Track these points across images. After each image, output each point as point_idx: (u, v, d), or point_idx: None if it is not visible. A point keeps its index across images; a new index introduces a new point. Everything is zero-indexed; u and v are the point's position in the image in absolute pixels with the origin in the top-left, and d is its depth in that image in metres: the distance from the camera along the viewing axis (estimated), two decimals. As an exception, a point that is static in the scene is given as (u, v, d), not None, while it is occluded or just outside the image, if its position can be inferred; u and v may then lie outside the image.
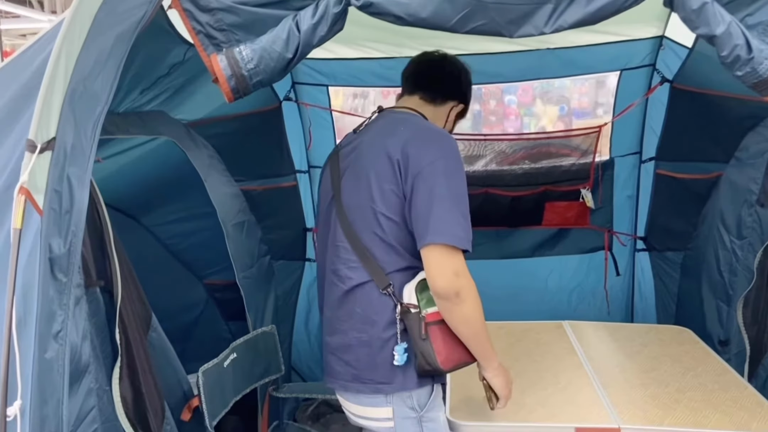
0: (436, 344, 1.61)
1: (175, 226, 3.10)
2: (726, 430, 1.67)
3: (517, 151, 3.15)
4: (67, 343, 1.19)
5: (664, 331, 2.50)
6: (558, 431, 1.72)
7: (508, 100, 7.50)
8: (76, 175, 1.22)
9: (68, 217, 1.20)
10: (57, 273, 1.18)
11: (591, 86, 7.30)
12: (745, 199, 2.63)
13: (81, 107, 1.26)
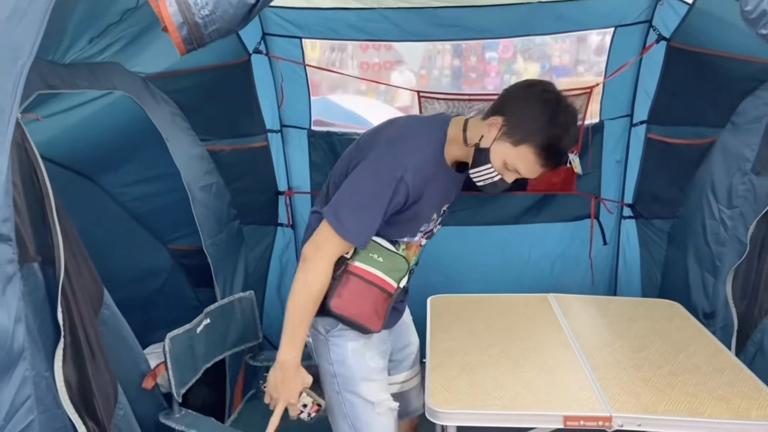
0: (340, 288, 1.74)
1: (136, 187, 2.90)
2: (724, 419, 1.56)
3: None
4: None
5: (653, 305, 2.40)
6: (545, 419, 1.61)
7: (489, 56, 7.31)
8: (-9, 139, 1.03)
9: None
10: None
11: (572, 43, 7.13)
12: (739, 167, 2.51)
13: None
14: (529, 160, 1.64)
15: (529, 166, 1.66)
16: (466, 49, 7.27)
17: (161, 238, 3.08)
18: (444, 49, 7.27)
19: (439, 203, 1.82)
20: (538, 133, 1.61)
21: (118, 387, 1.81)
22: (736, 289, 2.49)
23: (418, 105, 2.89)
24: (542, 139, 1.61)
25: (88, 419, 1.67)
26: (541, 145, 1.61)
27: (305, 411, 1.78)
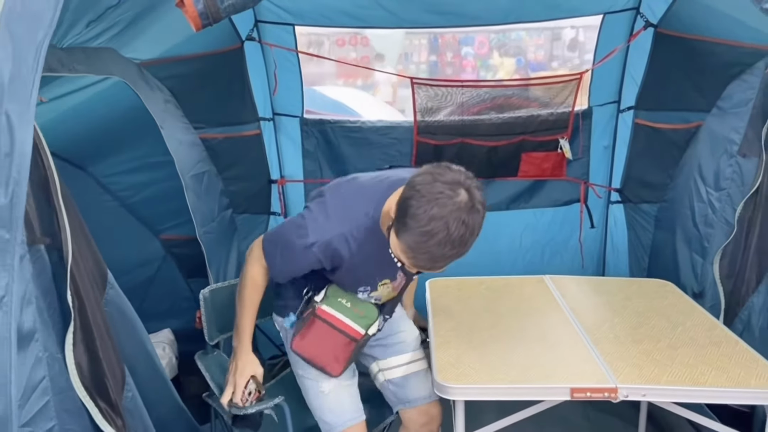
0: (305, 329, 1.86)
1: (127, 176, 2.88)
2: (724, 387, 1.62)
3: (477, 103, 2.98)
4: (12, 310, 1.01)
5: (646, 284, 2.45)
6: (552, 392, 1.64)
7: (464, 52, 7.36)
8: (16, 112, 1.02)
9: (9, 162, 1.01)
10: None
11: (546, 39, 7.21)
12: (725, 150, 2.58)
13: (19, 30, 1.04)
14: (402, 255, 1.52)
15: (405, 261, 1.54)
16: (442, 45, 7.31)
17: (153, 228, 3.06)
18: (420, 45, 7.31)
19: (376, 272, 1.80)
20: (405, 223, 1.47)
21: (125, 368, 1.81)
22: (723, 269, 2.55)
23: (412, 93, 2.91)
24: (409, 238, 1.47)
25: (100, 401, 1.66)
26: (408, 244, 1.49)
27: (248, 398, 1.89)
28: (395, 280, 1.88)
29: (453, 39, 7.23)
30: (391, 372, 2.07)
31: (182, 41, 2.48)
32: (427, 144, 2.99)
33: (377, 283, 1.85)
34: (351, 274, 1.80)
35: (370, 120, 3.14)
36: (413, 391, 2.05)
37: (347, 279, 1.83)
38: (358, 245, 1.69)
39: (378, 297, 1.91)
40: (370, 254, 1.71)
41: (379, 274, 1.84)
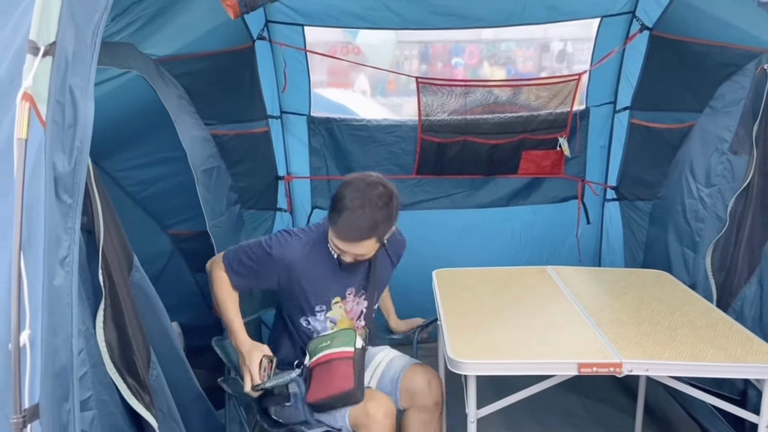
0: (309, 383, 2.04)
1: (138, 172, 2.93)
2: (723, 362, 1.72)
3: (473, 108, 3.10)
4: (74, 270, 1.08)
5: (643, 274, 2.56)
6: (561, 367, 1.73)
7: (455, 62, 7.48)
8: (78, 86, 1.10)
9: (72, 132, 1.08)
10: (62, 194, 1.06)
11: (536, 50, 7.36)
12: (716, 148, 2.69)
13: (80, 11, 1.12)
14: (335, 238, 1.98)
15: (334, 239, 1.99)
16: (433, 55, 7.45)
17: (162, 223, 3.10)
18: (411, 55, 7.43)
19: (327, 287, 2.11)
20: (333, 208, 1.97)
21: (150, 348, 1.87)
22: (715, 262, 2.65)
23: (417, 91, 3.01)
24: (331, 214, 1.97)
25: (129, 377, 1.72)
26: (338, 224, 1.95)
27: (265, 373, 2.01)
28: (345, 298, 2.16)
29: (444, 49, 7.36)
30: (372, 379, 2.18)
31: (197, 39, 2.56)
32: (430, 142, 3.09)
33: (331, 302, 2.14)
34: (305, 284, 2.08)
35: (375, 119, 3.24)
36: (394, 369, 2.16)
37: (303, 294, 2.09)
38: (310, 248, 2.08)
39: (334, 318, 2.17)
40: (318, 262, 2.08)
41: (330, 289, 2.13)
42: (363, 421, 1.95)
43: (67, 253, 1.07)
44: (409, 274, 2.99)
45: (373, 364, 2.23)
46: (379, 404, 1.95)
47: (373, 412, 1.92)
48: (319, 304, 2.13)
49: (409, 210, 3.26)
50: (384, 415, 1.92)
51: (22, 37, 1.10)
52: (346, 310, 2.19)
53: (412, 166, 3.17)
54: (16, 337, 0.92)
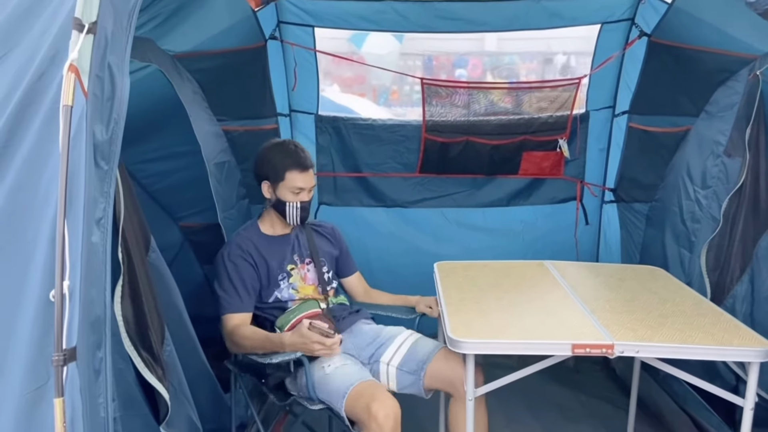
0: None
1: (152, 165, 3.02)
2: (711, 345, 1.80)
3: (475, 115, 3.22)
4: (108, 231, 1.18)
5: (638, 269, 2.65)
6: (556, 347, 1.82)
7: (458, 74, 7.62)
8: (116, 63, 1.20)
9: (110, 105, 1.18)
10: (99, 160, 1.16)
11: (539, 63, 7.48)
12: (712, 151, 2.79)
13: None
14: (290, 177, 2.34)
15: (294, 181, 2.33)
16: (436, 66, 7.56)
17: (173, 215, 3.20)
18: (415, 66, 7.54)
19: (281, 257, 2.41)
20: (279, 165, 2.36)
21: (165, 325, 1.96)
22: (709, 261, 2.74)
23: (422, 92, 3.12)
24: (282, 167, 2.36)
25: (143, 351, 1.81)
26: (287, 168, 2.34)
27: (329, 334, 2.09)
28: (297, 265, 2.43)
29: (447, 60, 7.47)
30: (395, 358, 2.24)
31: (212, 36, 2.67)
32: (434, 141, 3.20)
33: (287, 269, 2.40)
34: (265, 260, 2.37)
35: (381, 118, 3.35)
36: (422, 350, 2.22)
37: (265, 269, 2.37)
38: (251, 234, 2.44)
39: (294, 285, 2.40)
40: (264, 241, 2.42)
41: (284, 258, 2.41)
42: (363, 416, 1.94)
43: (103, 214, 1.17)
44: (411, 267, 3.09)
45: (395, 343, 2.28)
46: (381, 404, 1.93)
47: (375, 412, 1.90)
48: (280, 273, 2.39)
49: (412, 207, 3.37)
50: (385, 417, 1.89)
51: (65, 15, 1.20)
52: (302, 277, 2.42)
53: (416, 164, 3.27)
54: (59, 285, 1.02)
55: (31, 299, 1.10)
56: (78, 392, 1.05)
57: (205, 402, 2.33)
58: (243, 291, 2.33)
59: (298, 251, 2.47)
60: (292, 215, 2.38)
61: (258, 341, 2.22)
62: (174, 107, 2.60)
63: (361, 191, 3.35)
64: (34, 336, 1.09)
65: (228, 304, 2.33)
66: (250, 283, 2.35)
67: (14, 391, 1.09)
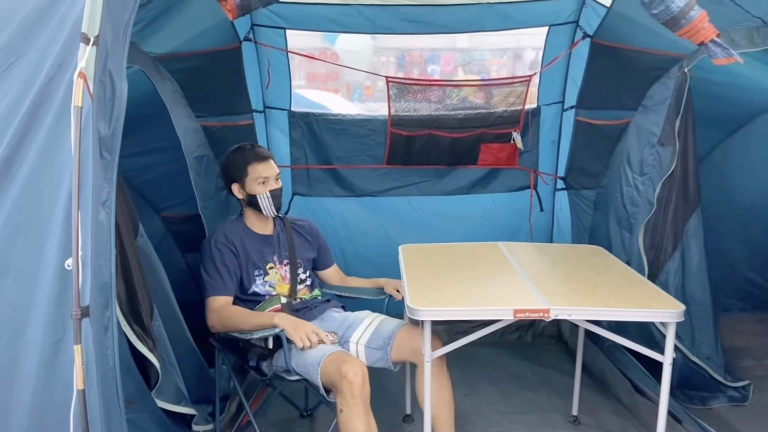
0: None
1: (135, 159, 3.18)
2: (631, 308, 2.09)
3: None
4: (112, 211, 1.41)
5: (580, 248, 2.95)
6: (500, 313, 2.08)
7: (431, 69, 7.86)
8: (115, 69, 1.42)
9: (111, 105, 1.41)
10: (103, 152, 1.39)
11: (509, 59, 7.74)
12: (648, 141, 3.08)
13: (116, 11, 1.45)
14: (252, 169, 2.57)
15: (257, 171, 2.57)
16: (409, 63, 7.80)
17: (155, 207, 3.40)
18: (388, 62, 7.77)
19: (260, 254, 2.59)
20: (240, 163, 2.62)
21: (153, 303, 2.18)
22: (646, 241, 3.04)
23: (387, 89, 3.37)
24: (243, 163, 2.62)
25: (135, 325, 2.04)
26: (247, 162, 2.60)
27: (329, 336, 2.38)
28: (276, 265, 2.61)
29: (420, 57, 7.71)
30: (363, 337, 2.48)
31: (191, 39, 2.87)
32: (399, 135, 3.44)
33: (266, 266, 2.59)
34: (250, 253, 2.56)
35: (349, 113, 3.58)
36: (387, 328, 2.47)
37: (245, 262, 2.55)
38: (238, 228, 2.63)
39: (272, 282, 2.58)
40: (247, 237, 2.60)
41: (262, 255, 2.59)
42: (335, 378, 2.17)
43: (107, 197, 1.40)
44: (379, 251, 3.35)
45: (364, 324, 2.53)
46: (350, 365, 2.17)
47: (345, 371, 2.14)
48: (257, 269, 2.57)
49: (380, 196, 3.62)
50: (354, 374, 2.13)
51: (69, 27, 1.43)
52: (281, 276, 2.61)
53: (383, 156, 3.51)
54: (75, 254, 1.25)
55: (49, 267, 1.32)
56: (91, 343, 1.28)
57: (191, 375, 2.55)
58: (227, 276, 2.52)
59: (277, 252, 2.65)
60: (266, 206, 2.58)
61: (246, 316, 2.44)
62: (155, 105, 2.80)
63: (332, 182, 3.59)
64: (52, 297, 1.31)
65: (212, 287, 2.51)
66: (233, 270, 2.54)
67: (36, 343, 1.31)
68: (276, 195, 2.60)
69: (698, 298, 2.92)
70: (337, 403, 2.16)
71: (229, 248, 2.56)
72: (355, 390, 2.11)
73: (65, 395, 1.28)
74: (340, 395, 2.14)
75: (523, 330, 3.78)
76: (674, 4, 1.73)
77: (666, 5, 1.73)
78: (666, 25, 1.82)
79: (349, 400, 2.11)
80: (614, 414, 2.98)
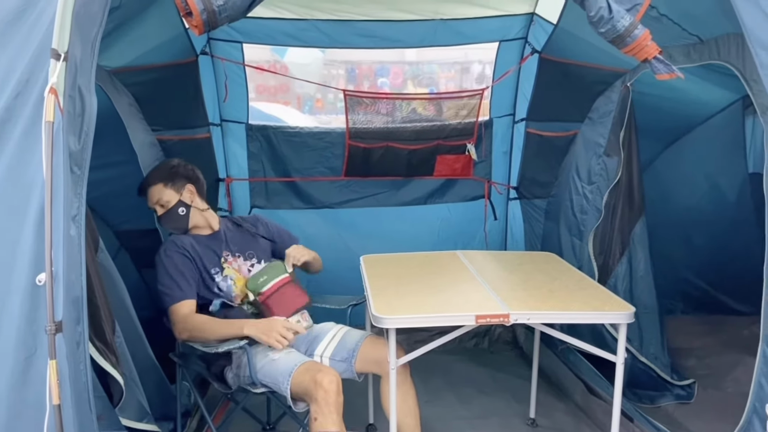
0: (272, 310, 2.49)
1: (89, 174, 3.16)
2: (586, 311, 2.19)
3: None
4: (82, 226, 1.41)
5: (534, 255, 3.06)
6: (462, 319, 2.14)
7: (380, 82, 7.97)
8: (84, 84, 1.43)
9: (81, 120, 1.41)
10: (73, 167, 1.39)
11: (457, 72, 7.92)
12: (595, 152, 3.24)
13: (84, 27, 1.46)
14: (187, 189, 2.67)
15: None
16: (359, 75, 7.88)
17: (109, 223, 3.34)
18: (338, 75, 7.84)
19: (214, 253, 2.61)
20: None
21: (114, 318, 2.16)
22: (595, 247, 3.18)
23: (345, 103, 3.42)
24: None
25: (97, 341, 2.01)
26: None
27: (302, 322, 2.44)
28: (228, 258, 2.63)
29: (369, 70, 7.80)
30: (327, 350, 2.50)
31: (146, 52, 2.86)
32: (357, 147, 3.50)
33: (221, 263, 2.60)
34: (202, 255, 2.56)
35: (308, 126, 3.62)
36: (351, 340, 2.50)
37: (201, 264, 2.54)
38: (186, 236, 2.64)
39: (231, 276, 2.58)
40: (195, 241, 2.61)
41: (215, 253, 2.60)
42: (310, 387, 2.15)
43: (77, 212, 1.40)
44: (341, 263, 3.37)
45: (327, 338, 2.54)
46: (325, 374, 2.16)
47: (320, 379, 2.13)
48: (214, 266, 2.58)
49: (340, 208, 3.66)
50: (329, 383, 2.13)
51: (36, 44, 1.42)
52: (235, 269, 2.62)
53: (341, 168, 3.56)
54: (48, 268, 1.24)
55: (19, 283, 1.31)
56: (65, 358, 1.27)
57: (152, 391, 2.52)
58: (183, 282, 2.49)
59: (227, 248, 2.66)
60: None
61: (216, 325, 2.40)
62: (110, 119, 2.76)
63: (291, 194, 3.61)
64: (23, 313, 1.30)
65: (170, 297, 2.47)
66: (189, 274, 2.51)
67: (7, 360, 1.30)
68: (161, 223, 2.70)
69: (645, 300, 3.07)
70: (311, 411, 2.17)
71: (181, 253, 2.54)
72: (330, 398, 2.13)
73: (37, 412, 1.27)
74: (314, 403, 2.15)
75: (480, 336, 3.87)
76: (620, 23, 1.84)
77: (612, 24, 1.84)
78: (612, 43, 1.93)
79: (324, 408, 2.12)
80: (569, 415, 3.09)
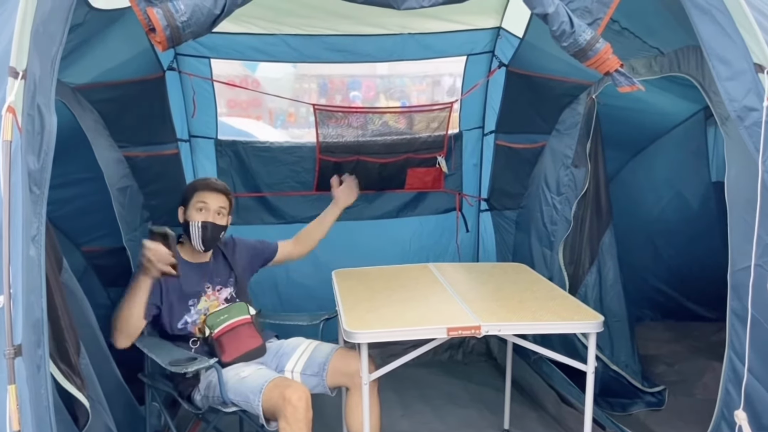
0: (221, 350, 2.51)
1: (53, 192, 3.05)
2: (556, 321, 2.21)
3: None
4: (42, 246, 1.37)
5: (505, 266, 3.09)
6: (434, 332, 2.14)
7: (353, 95, 8.00)
8: (43, 102, 1.40)
9: (40, 138, 1.38)
10: (33, 186, 1.36)
11: (428, 85, 7.99)
12: (563, 163, 3.28)
13: (42, 45, 1.44)
14: (197, 196, 2.63)
15: (199, 197, 2.62)
16: (331, 89, 7.89)
17: (74, 241, 3.28)
18: (310, 88, 7.83)
19: (195, 284, 2.59)
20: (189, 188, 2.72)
21: (80, 340, 2.10)
22: (566, 257, 3.22)
23: (314, 117, 3.42)
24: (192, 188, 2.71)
25: (61, 363, 1.96)
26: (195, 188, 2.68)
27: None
28: (208, 293, 2.61)
29: (341, 83, 7.81)
30: (297, 365, 2.50)
31: (112, 68, 2.82)
32: (328, 161, 3.49)
33: (200, 294, 2.59)
34: (183, 283, 2.53)
35: (278, 141, 3.60)
36: (321, 354, 2.49)
37: (180, 290, 2.53)
38: (178, 256, 2.49)
39: (206, 309, 2.57)
40: (184, 266, 2.53)
41: (197, 285, 2.58)
42: (279, 403, 2.17)
43: (37, 232, 1.36)
44: (313, 277, 3.37)
45: (298, 352, 2.54)
46: (294, 389, 2.18)
47: (289, 396, 2.14)
48: (191, 298, 2.57)
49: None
50: (298, 399, 2.14)
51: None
52: (213, 300, 2.61)
53: (312, 183, 3.54)
54: (7, 291, 1.21)
55: (-24, 307, 1.27)
56: (25, 382, 1.24)
57: (120, 413, 2.46)
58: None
59: (210, 280, 2.65)
60: (195, 236, 2.57)
61: (127, 295, 2.46)
62: (75, 136, 2.71)
63: (262, 210, 3.58)
64: (-21, 339, 1.26)
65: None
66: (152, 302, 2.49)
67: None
68: (206, 227, 2.57)
69: (614, 309, 3.11)
70: (280, 429, 2.15)
71: (157, 286, 2.51)
72: (299, 414, 2.11)
73: (-4, 440, 1.23)
74: (283, 419, 2.13)
75: (454, 349, 3.87)
76: (581, 37, 1.87)
77: (574, 38, 1.87)
78: (575, 57, 1.96)
79: (293, 425, 2.11)
80: (543, 425, 3.10)
